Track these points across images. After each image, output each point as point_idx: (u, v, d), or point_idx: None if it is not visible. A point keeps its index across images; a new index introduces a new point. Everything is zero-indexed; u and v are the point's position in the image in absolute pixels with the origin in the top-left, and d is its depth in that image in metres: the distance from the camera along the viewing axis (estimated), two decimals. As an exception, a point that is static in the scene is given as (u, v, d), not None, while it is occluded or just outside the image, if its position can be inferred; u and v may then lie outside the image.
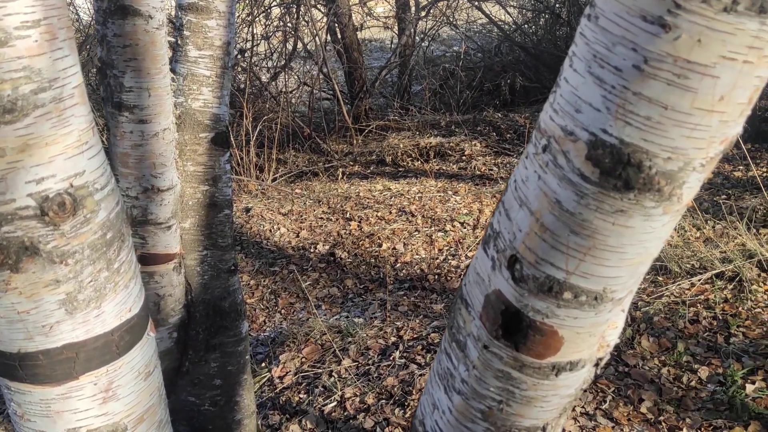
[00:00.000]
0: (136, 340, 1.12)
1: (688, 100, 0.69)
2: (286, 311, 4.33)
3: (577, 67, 0.75)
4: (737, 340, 3.20)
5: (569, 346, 0.86)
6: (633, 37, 0.69)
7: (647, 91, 0.69)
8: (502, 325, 0.87)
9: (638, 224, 0.77)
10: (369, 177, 7.04)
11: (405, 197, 5.94)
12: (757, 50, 0.67)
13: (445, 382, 0.98)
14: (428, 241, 4.95)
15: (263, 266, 4.92)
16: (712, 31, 0.65)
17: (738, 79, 0.69)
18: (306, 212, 5.80)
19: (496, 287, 0.87)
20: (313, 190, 6.50)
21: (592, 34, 0.73)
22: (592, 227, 0.77)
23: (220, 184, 2.35)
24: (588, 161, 0.74)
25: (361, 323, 3.83)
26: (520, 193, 0.83)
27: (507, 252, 0.85)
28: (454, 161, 7.16)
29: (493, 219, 0.90)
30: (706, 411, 2.77)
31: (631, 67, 0.69)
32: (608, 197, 0.75)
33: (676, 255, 3.98)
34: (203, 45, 2.20)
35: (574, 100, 0.75)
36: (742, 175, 5.44)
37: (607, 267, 0.80)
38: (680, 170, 0.73)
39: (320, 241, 5.23)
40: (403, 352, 3.40)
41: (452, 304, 0.98)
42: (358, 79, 9.28)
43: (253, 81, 9.19)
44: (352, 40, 9.11)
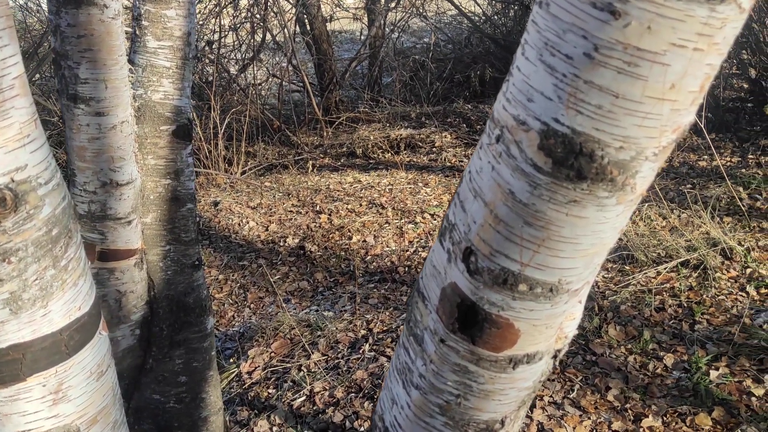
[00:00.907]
0: (87, 340, 1.09)
1: (639, 88, 0.68)
2: (255, 306, 4.29)
3: (529, 55, 0.74)
4: (701, 327, 3.25)
5: (526, 339, 0.85)
6: (583, 24, 0.67)
7: (598, 80, 0.68)
8: (458, 319, 0.86)
9: (592, 214, 0.76)
10: (339, 169, 7.00)
11: (375, 189, 5.92)
12: (707, 37, 0.66)
13: (404, 376, 0.97)
14: (399, 233, 4.95)
15: (232, 260, 4.87)
16: (662, 18, 0.64)
17: (688, 67, 0.68)
18: (275, 205, 5.75)
19: (452, 280, 0.86)
20: (283, 183, 6.45)
21: (544, 22, 0.72)
22: (545, 218, 0.76)
23: (182, 177, 2.31)
24: (540, 151, 0.73)
25: (331, 317, 3.81)
26: (475, 185, 0.82)
27: (462, 244, 0.84)
28: (425, 153, 7.15)
29: (449, 211, 0.89)
30: (672, 398, 2.81)
31: (581, 55, 0.68)
32: (561, 187, 0.73)
33: (642, 244, 4.03)
34: (162, 35, 2.15)
35: (526, 89, 0.74)
36: (707, 164, 5.53)
37: (561, 258, 0.79)
38: (633, 159, 0.72)
39: (290, 234, 5.19)
40: (372, 345, 3.39)
41: (410, 298, 0.97)
42: (327, 71, 9.22)
43: (222, 73, 9.08)
44: (322, 31, 9.04)
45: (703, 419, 2.65)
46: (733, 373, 2.91)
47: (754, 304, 3.38)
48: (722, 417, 2.66)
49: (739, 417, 2.64)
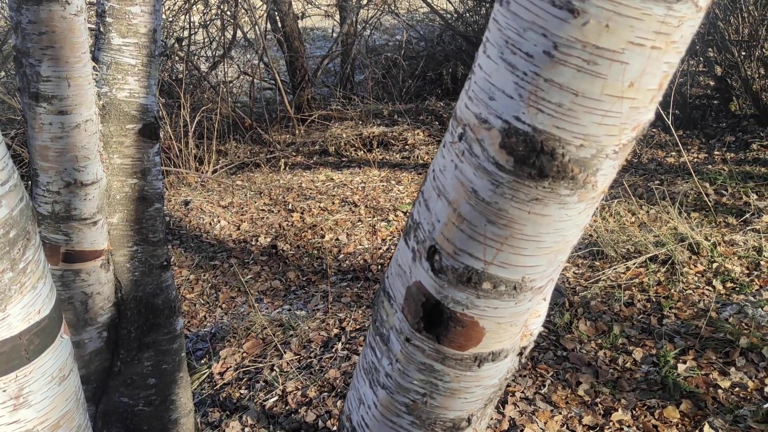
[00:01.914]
0: (48, 344, 1.07)
1: (598, 86, 0.68)
2: (227, 306, 4.26)
3: (491, 53, 0.74)
4: (669, 321, 3.30)
5: (490, 337, 0.85)
6: (543, 23, 0.67)
7: (558, 78, 0.68)
8: (423, 318, 0.85)
9: (554, 212, 0.76)
10: (312, 167, 6.97)
11: (348, 187, 5.91)
12: (664, 36, 0.67)
13: (370, 376, 0.97)
14: (371, 231, 4.94)
15: (203, 260, 4.82)
16: (619, 17, 0.65)
17: (647, 65, 0.68)
18: (247, 204, 5.71)
19: (417, 279, 0.85)
20: (255, 182, 6.40)
21: (504, 20, 0.72)
22: (508, 216, 0.76)
23: (149, 177, 2.28)
24: (502, 149, 0.73)
25: (304, 316, 3.79)
26: (438, 183, 0.82)
27: (426, 243, 0.83)
28: (397, 151, 7.16)
29: (414, 210, 0.88)
30: (641, 391, 2.84)
31: (541, 53, 0.68)
32: (523, 186, 0.74)
33: (612, 240, 4.08)
34: (127, 32, 2.11)
35: (487, 87, 0.74)
36: (675, 161, 5.61)
37: (525, 256, 0.79)
38: (593, 157, 0.73)
39: (262, 233, 5.15)
40: (345, 344, 3.38)
41: (376, 297, 0.96)
42: (299, 69, 9.17)
43: (192, 71, 8.98)
44: (293, 28, 8.99)
45: (671, 412, 2.70)
46: (700, 366, 2.95)
47: (720, 297, 3.44)
48: (690, 409, 2.71)
49: (706, 409, 2.69)
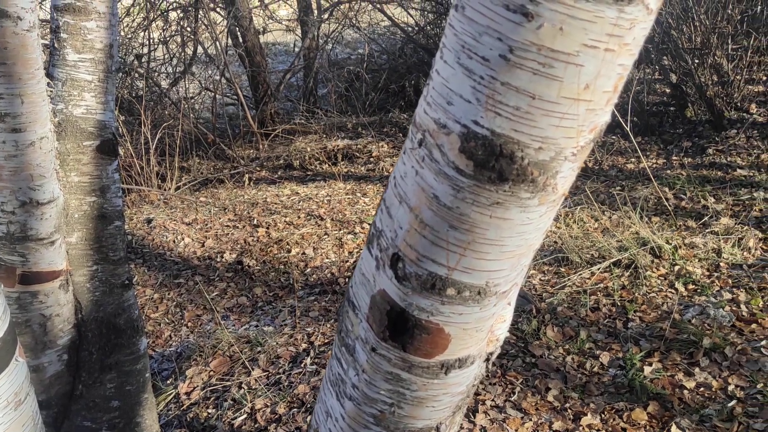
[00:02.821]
0: (2, 367, 1.03)
1: (555, 89, 0.68)
2: (192, 324, 4.19)
3: (447, 58, 0.74)
4: (635, 324, 3.34)
5: (456, 343, 0.85)
6: (498, 27, 0.68)
7: (515, 81, 0.68)
8: (388, 326, 0.85)
9: (516, 216, 0.76)
10: (276, 182, 6.93)
11: (313, 201, 5.88)
12: (617, 38, 0.67)
13: (337, 388, 0.95)
14: (338, 244, 4.92)
15: (167, 279, 4.74)
16: (573, 19, 0.65)
17: (601, 68, 0.69)
18: (211, 221, 5.64)
19: (381, 287, 0.85)
20: (219, 198, 6.33)
21: (460, 25, 0.72)
22: (470, 221, 0.76)
23: (108, 194, 2.23)
24: (462, 154, 0.73)
25: (271, 331, 3.75)
26: (400, 190, 0.81)
27: (389, 251, 0.83)
28: (362, 163, 7.16)
29: (376, 217, 0.88)
30: (609, 395, 2.87)
31: (497, 57, 0.68)
32: (484, 190, 0.73)
33: (576, 246, 4.13)
34: (83, 48, 2.08)
35: (445, 92, 0.74)
36: (634, 167, 5.72)
37: (488, 261, 0.79)
38: (552, 160, 0.73)
39: (227, 249, 5.09)
40: (314, 359, 3.34)
41: (340, 308, 0.95)
42: (262, 84, 9.14)
43: (152, 87, 8.88)
44: (254, 43, 8.96)
45: (639, 414, 2.72)
46: (666, 367, 3.00)
47: (683, 299, 3.51)
48: (657, 411, 2.74)
49: (673, 410, 2.72)
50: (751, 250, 3.89)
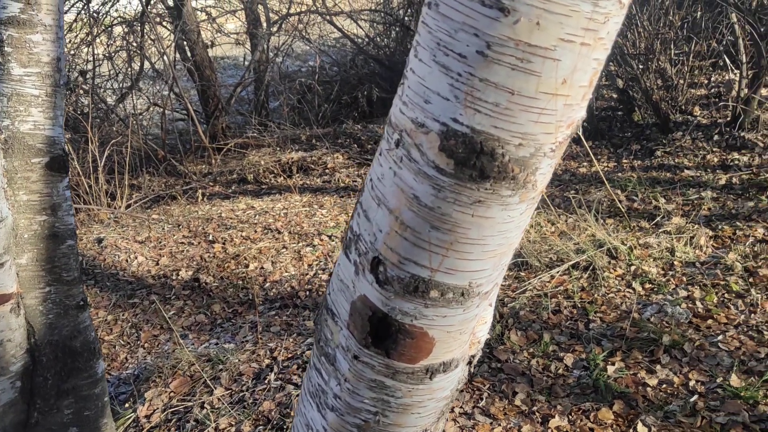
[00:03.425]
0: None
1: (533, 84, 0.68)
2: (149, 345, 4.07)
3: (422, 56, 0.73)
4: (596, 325, 3.39)
5: (441, 347, 0.83)
6: (474, 23, 0.67)
7: (493, 77, 0.68)
8: (371, 333, 0.83)
9: (497, 214, 0.75)
10: (231, 197, 6.83)
11: (270, 214, 5.81)
12: (592, 32, 0.68)
13: (317, 399, 0.93)
14: (297, 258, 4.87)
15: (121, 299, 4.60)
16: (549, 14, 0.65)
17: (578, 62, 0.69)
18: (165, 238, 5.52)
19: (362, 293, 0.83)
20: (172, 215, 6.20)
21: (434, 22, 0.71)
22: (452, 221, 0.74)
23: (60, 212, 2.15)
24: (442, 152, 0.71)
25: (232, 348, 3.67)
26: (377, 192, 0.80)
27: (369, 255, 0.81)
28: (318, 175, 7.12)
29: (353, 221, 0.86)
30: (575, 396, 2.90)
31: (475, 53, 0.68)
32: (465, 188, 0.72)
33: (535, 250, 4.17)
34: (28, 62, 2.00)
35: (422, 90, 0.73)
36: (587, 170, 5.83)
37: (470, 261, 0.78)
38: (532, 156, 0.73)
39: (183, 266, 4.98)
40: (278, 374, 3.28)
41: (318, 317, 0.93)
42: (212, 98, 9.02)
43: (98, 104, 8.67)
44: (203, 57, 8.84)
45: (605, 414, 2.75)
46: (628, 366, 3.04)
47: (641, 299, 3.57)
48: (622, 410, 2.78)
49: (638, 408, 2.76)
50: (702, 248, 4.00)
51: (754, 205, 4.45)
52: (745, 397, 2.73)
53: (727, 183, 4.89)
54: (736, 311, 3.36)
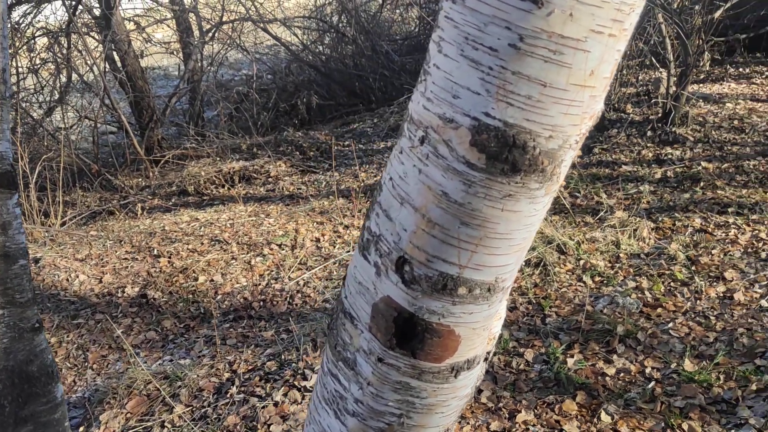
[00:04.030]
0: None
1: (564, 75, 0.68)
2: (98, 366, 3.91)
3: (448, 51, 0.72)
4: (552, 319, 3.46)
5: (466, 344, 0.83)
6: (505, 16, 0.67)
7: (526, 69, 0.68)
8: (395, 334, 0.81)
9: (524, 208, 0.76)
10: (171, 209, 6.65)
11: (216, 226, 5.69)
12: (619, 23, 0.69)
13: (335, 406, 0.90)
14: (247, 268, 4.78)
15: (64, 320, 4.41)
16: (582, 5, 0.65)
17: (605, 53, 0.70)
18: (107, 254, 5.32)
19: (385, 294, 0.81)
20: (112, 230, 5.99)
21: (461, 16, 0.70)
22: (482, 216, 0.74)
23: (10, 231, 2.04)
24: (473, 147, 0.71)
25: (189, 364, 3.57)
26: (400, 191, 0.79)
27: (393, 255, 0.80)
28: (261, 184, 7.02)
29: (370, 222, 0.84)
30: (538, 390, 2.95)
31: (507, 46, 0.67)
32: (496, 182, 0.72)
33: (486, 249, 4.22)
34: (-27, 73, 1.90)
35: (449, 85, 0.72)
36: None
37: (497, 256, 0.78)
38: (560, 148, 0.73)
39: (128, 283, 4.81)
40: (240, 387, 3.21)
41: (332, 321, 0.91)
42: (146, 109, 8.78)
43: (24, 118, 8.30)
44: (135, 68, 8.60)
45: (569, 405, 2.81)
46: (587, 357, 3.12)
47: (592, 291, 3.67)
48: (585, 400, 2.84)
49: (600, 397, 2.83)
50: (645, 240, 4.15)
51: (690, 197, 4.65)
52: (699, 380, 2.83)
53: (663, 176, 5.10)
54: (683, 299, 3.50)
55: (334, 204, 5.80)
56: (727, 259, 3.78)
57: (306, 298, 4.25)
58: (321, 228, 5.34)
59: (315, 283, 4.42)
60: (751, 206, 4.33)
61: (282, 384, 3.15)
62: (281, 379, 3.19)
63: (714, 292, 3.49)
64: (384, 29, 11.02)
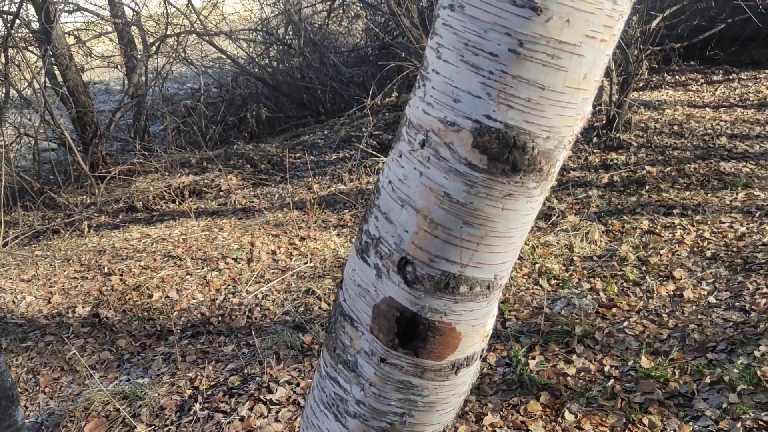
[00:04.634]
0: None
1: (561, 79, 0.72)
2: (51, 389, 3.78)
3: (448, 57, 0.75)
4: (512, 323, 3.53)
5: (465, 341, 0.85)
6: (505, 22, 0.70)
7: (526, 73, 0.71)
8: (398, 334, 0.83)
9: (523, 206, 0.79)
10: (120, 226, 6.50)
11: (168, 241, 5.58)
12: (609, 29, 0.73)
13: (335, 408, 0.91)
14: (203, 283, 4.70)
15: (12, 344, 4.24)
16: (578, 12, 0.69)
17: (597, 57, 0.74)
18: (55, 274, 5.16)
19: (386, 295, 0.83)
20: (59, 249, 5.81)
21: (460, 24, 0.73)
22: (483, 215, 0.77)
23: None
24: (475, 149, 0.74)
25: (148, 383, 3.49)
26: (400, 194, 0.81)
27: (394, 256, 0.81)
28: (212, 198, 6.93)
29: (368, 225, 0.86)
30: (503, 392, 3.00)
31: (507, 51, 0.71)
32: (497, 183, 0.75)
33: (444, 256, 4.27)
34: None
35: (450, 90, 0.75)
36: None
37: (497, 254, 0.80)
38: (555, 148, 0.76)
39: (78, 303, 4.67)
40: (203, 404, 3.16)
41: (331, 325, 0.92)
42: (89, 124, 8.56)
43: (-40, 136, 7.98)
44: (77, 82, 8.38)
45: (533, 406, 2.87)
46: (548, 359, 3.19)
47: (549, 294, 3.76)
48: (548, 400, 2.90)
49: (563, 397, 2.90)
50: (597, 243, 4.27)
51: (637, 200, 4.82)
52: (656, 376, 2.93)
53: (610, 181, 5.26)
54: (636, 298, 3.62)
55: (288, 216, 5.77)
56: (675, 258, 3.93)
57: (265, 311, 4.21)
58: (277, 240, 5.31)
59: (274, 296, 4.39)
60: (694, 207, 4.51)
61: (247, 398, 3.11)
62: (246, 394, 3.16)
63: (665, 290, 3.62)
64: (331, 41, 11.05)
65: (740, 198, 4.62)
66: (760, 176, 4.93)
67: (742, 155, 5.35)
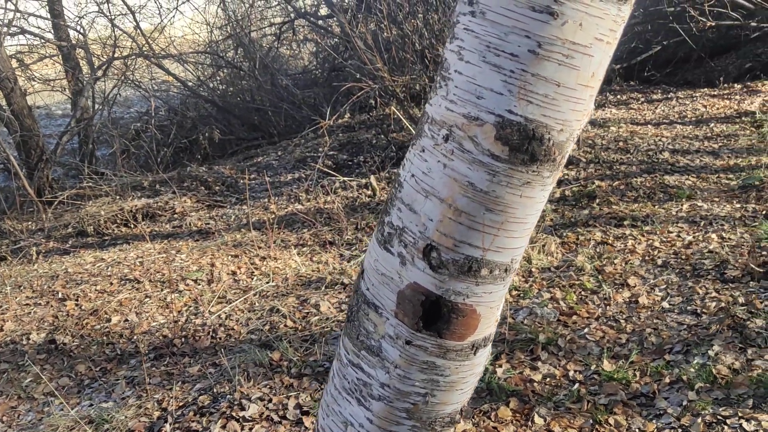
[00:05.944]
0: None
1: (574, 77, 0.80)
2: (8, 418, 3.66)
3: (470, 59, 0.82)
4: (477, 333, 3.61)
5: (484, 322, 0.92)
6: (525, 26, 0.78)
7: (543, 72, 0.79)
8: (422, 317, 0.89)
9: (537, 194, 0.86)
10: (71, 251, 6.34)
11: (124, 264, 5.48)
12: (613, 32, 0.81)
13: (358, 394, 0.96)
14: (164, 305, 4.64)
15: (-37, 373, 4.09)
16: (589, 16, 0.77)
17: (602, 58, 0.82)
18: (6, 301, 5.00)
19: (411, 281, 0.89)
20: (8, 276, 5.63)
21: (481, 28, 0.81)
22: (504, 202, 0.84)
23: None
24: (498, 141, 0.81)
25: (112, 406, 3.42)
26: (424, 185, 0.87)
27: (419, 243, 0.87)
28: (167, 220, 6.84)
29: (391, 217, 0.92)
30: (473, 400, 3.06)
31: (527, 52, 0.78)
32: (517, 171, 0.82)
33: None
34: None
35: (473, 88, 0.82)
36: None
37: (514, 238, 0.88)
38: (567, 140, 0.84)
39: (33, 329, 4.54)
40: (173, 424, 3.11)
41: (353, 314, 0.97)
42: (34, 149, 8.35)
43: None
44: (22, 105, 8.19)
45: (504, 412, 2.94)
46: (514, 366, 3.28)
47: (511, 305, 3.86)
48: (518, 406, 2.98)
49: (531, 402, 2.99)
50: (554, 254, 4.42)
51: (589, 213, 5.01)
52: (618, 378, 3.05)
53: (562, 195, 5.45)
54: (594, 305, 3.75)
55: (247, 237, 5.75)
56: (629, 267, 4.10)
57: (230, 330, 4.19)
58: (236, 261, 5.29)
59: (237, 315, 4.37)
60: (644, 218, 4.72)
61: (219, 416, 3.09)
62: (218, 412, 3.13)
63: (621, 297, 3.77)
64: (281, 63, 11.11)
65: (685, 209, 4.86)
66: (701, 188, 5.20)
67: (684, 169, 5.64)
